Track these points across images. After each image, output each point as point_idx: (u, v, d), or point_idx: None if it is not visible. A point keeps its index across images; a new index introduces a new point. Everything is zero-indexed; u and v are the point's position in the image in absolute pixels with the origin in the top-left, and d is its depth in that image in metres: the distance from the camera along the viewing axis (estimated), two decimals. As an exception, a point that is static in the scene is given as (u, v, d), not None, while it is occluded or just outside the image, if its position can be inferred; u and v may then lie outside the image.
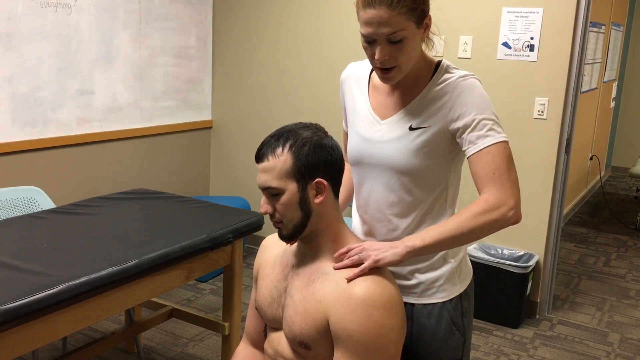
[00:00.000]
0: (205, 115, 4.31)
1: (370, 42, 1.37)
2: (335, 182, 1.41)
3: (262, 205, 1.39)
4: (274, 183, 1.34)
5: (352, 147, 1.52)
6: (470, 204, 1.35)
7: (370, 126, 1.48)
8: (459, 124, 1.37)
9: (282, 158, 1.33)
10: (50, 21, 3.17)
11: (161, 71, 3.86)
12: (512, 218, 1.32)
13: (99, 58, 3.46)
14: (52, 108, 3.25)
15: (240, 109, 4.23)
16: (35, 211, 2.58)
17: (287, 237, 1.40)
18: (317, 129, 1.40)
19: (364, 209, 1.52)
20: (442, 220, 1.44)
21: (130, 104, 3.69)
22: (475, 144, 1.35)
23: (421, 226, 1.46)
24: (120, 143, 3.69)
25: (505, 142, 1.36)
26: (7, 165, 3.09)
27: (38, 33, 3.12)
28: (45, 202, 2.71)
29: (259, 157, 1.37)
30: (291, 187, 1.34)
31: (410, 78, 1.44)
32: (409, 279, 1.48)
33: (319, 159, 1.35)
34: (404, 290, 1.48)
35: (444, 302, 1.47)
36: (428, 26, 1.40)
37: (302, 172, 1.34)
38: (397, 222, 1.47)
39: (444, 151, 1.42)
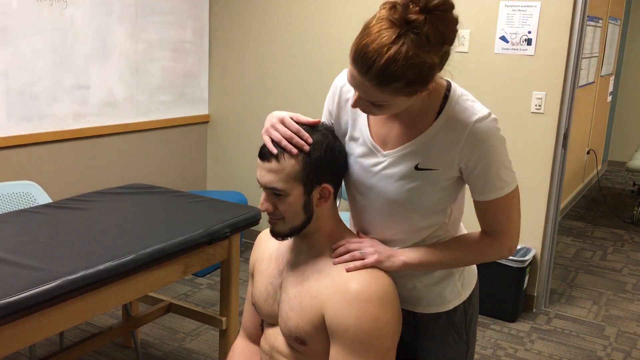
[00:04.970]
0: (202, 110, 4.29)
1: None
2: (338, 184, 1.39)
3: (261, 202, 1.35)
4: (280, 185, 1.30)
5: (351, 173, 1.41)
6: (474, 240, 1.38)
7: (370, 156, 1.36)
8: (470, 170, 1.29)
9: (290, 161, 1.29)
10: (45, 15, 3.15)
11: (157, 65, 3.85)
12: (507, 257, 1.40)
13: (95, 52, 3.44)
14: (47, 103, 3.24)
15: (237, 103, 4.22)
16: (32, 206, 2.57)
17: (280, 235, 1.39)
18: (327, 130, 1.36)
19: (363, 230, 1.47)
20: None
21: (126, 98, 3.68)
22: (485, 193, 1.31)
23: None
24: (117, 138, 3.67)
25: (516, 188, 1.32)
26: (2, 160, 3.08)
27: (33, 27, 3.11)
28: (41, 197, 2.70)
29: (265, 155, 1.31)
30: (297, 191, 1.31)
31: (414, 109, 1.29)
32: (410, 288, 1.44)
33: (327, 164, 1.33)
34: (406, 298, 1.44)
35: (447, 312, 1.44)
36: (429, 90, 1.21)
37: (310, 178, 1.31)
38: (397, 246, 1.42)
39: (450, 188, 1.35)
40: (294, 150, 1.29)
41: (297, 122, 1.33)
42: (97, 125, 3.53)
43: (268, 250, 1.53)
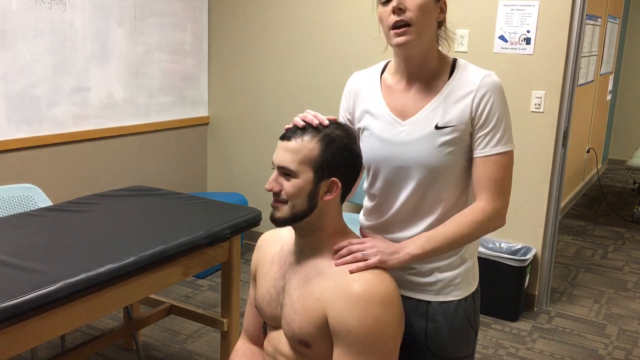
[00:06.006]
0: (202, 112, 4.30)
1: (386, 1, 1.38)
2: (347, 186, 1.41)
3: (269, 181, 1.37)
4: (293, 166, 1.33)
5: (372, 151, 1.49)
6: (467, 211, 1.42)
7: (390, 128, 1.46)
8: (478, 119, 1.40)
9: (310, 145, 1.34)
10: (44, 18, 3.15)
11: (157, 67, 3.85)
12: (500, 225, 1.45)
13: (94, 55, 3.44)
14: (47, 105, 3.24)
15: (237, 105, 4.23)
16: (32, 209, 2.57)
17: (280, 221, 1.39)
18: (350, 132, 1.41)
19: (392, 216, 1.50)
20: None
21: (126, 100, 3.68)
22: (485, 147, 1.41)
23: None
24: (117, 140, 3.68)
25: (512, 150, 1.42)
26: (3, 164, 3.08)
27: (32, 30, 3.11)
28: (42, 200, 2.70)
29: (287, 135, 1.37)
30: (307, 176, 1.34)
31: (427, 74, 1.45)
32: (427, 277, 1.48)
33: (342, 160, 1.36)
34: (422, 287, 1.48)
35: (459, 300, 1.49)
36: (443, 10, 1.43)
37: (323, 167, 1.34)
38: (419, 221, 1.47)
39: (469, 147, 1.44)
40: (315, 121, 1.37)
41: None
42: (97, 128, 3.53)
43: (270, 252, 1.53)
